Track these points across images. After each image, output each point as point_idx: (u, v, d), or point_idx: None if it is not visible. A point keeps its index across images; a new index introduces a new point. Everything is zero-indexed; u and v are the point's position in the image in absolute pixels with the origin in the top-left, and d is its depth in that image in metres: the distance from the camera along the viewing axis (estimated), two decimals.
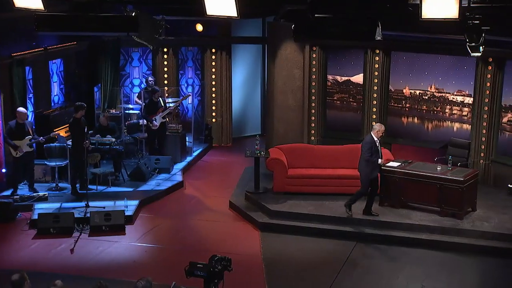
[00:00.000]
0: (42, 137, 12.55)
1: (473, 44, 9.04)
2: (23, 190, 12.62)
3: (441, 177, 11.32)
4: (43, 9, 8.77)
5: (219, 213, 12.39)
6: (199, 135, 16.61)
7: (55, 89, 15.04)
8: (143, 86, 16.46)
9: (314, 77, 14.74)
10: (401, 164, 11.86)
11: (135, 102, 16.14)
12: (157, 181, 13.68)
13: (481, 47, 9.14)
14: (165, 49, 16.52)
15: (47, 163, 13.03)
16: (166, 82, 16.59)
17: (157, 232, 11.49)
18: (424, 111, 14.18)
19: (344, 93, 14.93)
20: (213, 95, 16.97)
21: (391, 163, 11.83)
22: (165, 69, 16.66)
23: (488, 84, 12.91)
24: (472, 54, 9.39)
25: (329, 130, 15.05)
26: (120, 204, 12.11)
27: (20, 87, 13.02)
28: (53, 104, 14.72)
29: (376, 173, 11.29)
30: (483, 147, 13.14)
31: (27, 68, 13.47)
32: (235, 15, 7.61)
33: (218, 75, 16.88)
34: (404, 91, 14.36)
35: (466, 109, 13.60)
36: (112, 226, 11.27)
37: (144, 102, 14.94)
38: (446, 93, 13.85)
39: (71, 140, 12.77)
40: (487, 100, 12.97)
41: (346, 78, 14.84)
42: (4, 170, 12.59)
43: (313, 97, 14.82)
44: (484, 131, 13.08)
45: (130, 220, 11.64)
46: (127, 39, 13.30)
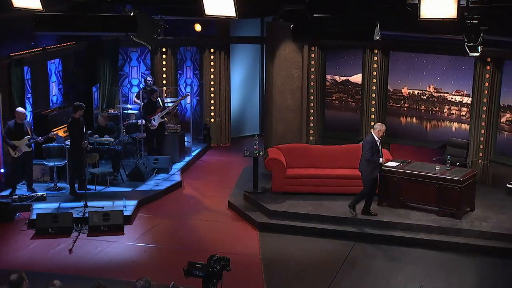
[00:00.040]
0: (40, 137, 12.53)
1: (472, 44, 9.05)
2: (21, 190, 12.61)
3: (440, 177, 11.33)
4: (42, 9, 8.77)
5: (217, 213, 12.39)
6: (197, 135, 16.60)
7: (54, 89, 15.04)
8: (141, 86, 16.46)
9: (312, 77, 14.74)
10: (399, 164, 11.86)
11: (133, 102, 16.13)
12: (156, 181, 13.67)
13: (479, 47, 9.14)
14: (164, 49, 16.52)
15: (46, 163, 13.03)
16: (164, 82, 16.58)
17: (155, 232, 11.48)
18: (423, 111, 14.19)
19: (343, 93, 14.93)
20: (212, 95, 16.96)
21: (390, 163, 11.83)
22: (164, 69, 16.65)
23: (487, 84, 12.91)
24: (471, 54, 9.39)
25: (328, 130, 15.05)
26: (118, 204, 12.11)
27: (18, 87, 13.01)
28: (51, 104, 14.71)
29: (377, 172, 11.30)
30: (481, 147, 13.15)
31: (25, 68, 13.47)
32: (234, 15, 7.61)
33: (217, 75, 16.87)
34: (403, 91, 14.37)
35: (465, 109, 13.60)
36: (111, 226, 11.27)
37: (143, 102, 14.94)
38: (445, 93, 13.85)
39: (69, 140, 12.77)
40: (485, 100, 12.98)
41: (345, 78, 14.85)
42: (2, 170, 12.56)
43: (312, 97, 14.82)
44: (483, 131, 13.09)
45: (128, 220, 11.64)
46: (126, 39, 13.29)
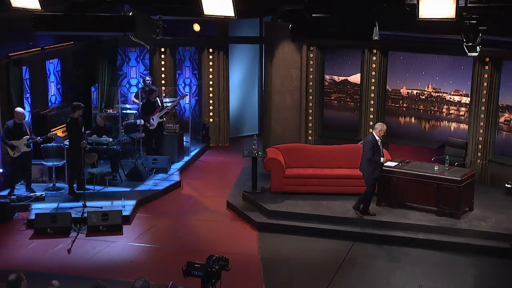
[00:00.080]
0: (39, 137, 12.53)
1: (470, 44, 9.05)
2: (20, 190, 12.60)
3: (439, 176, 11.33)
4: (40, 9, 8.76)
5: (216, 213, 12.38)
6: (196, 135, 16.60)
7: (52, 89, 15.03)
8: (140, 86, 16.46)
9: (311, 77, 14.74)
10: (398, 164, 11.86)
11: (132, 102, 16.13)
12: (155, 181, 13.67)
13: (478, 47, 9.15)
14: (163, 49, 16.51)
15: (44, 163, 13.02)
16: (163, 82, 16.57)
17: (154, 232, 11.48)
18: (421, 111, 14.19)
19: (342, 93, 14.93)
20: (211, 95, 16.96)
21: (389, 163, 11.83)
22: (163, 69, 16.65)
23: (485, 84, 12.92)
24: (469, 54, 9.40)
25: (327, 130, 15.05)
26: (117, 204, 12.10)
27: (17, 87, 13.00)
28: (50, 104, 14.71)
29: (378, 172, 11.29)
30: (480, 146, 13.16)
31: (24, 68, 13.46)
32: (232, 15, 7.61)
33: (216, 75, 16.87)
34: (401, 91, 14.37)
35: (463, 109, 13.61)
36: (110, 226, 11.26)
37: (142, 102, 14.93)
38: (443, 93, 13.86)
39: (68, 140, 12.77)
40: (484, 100, 12.98)
41: (344, 78, 14.85)
42: (1, 170, 12.55)
43: (311, 97, 14.83)
44: (481, 131, 13.09)
45: (127, 220, 11.63)
46: (125, 39, 13.27)
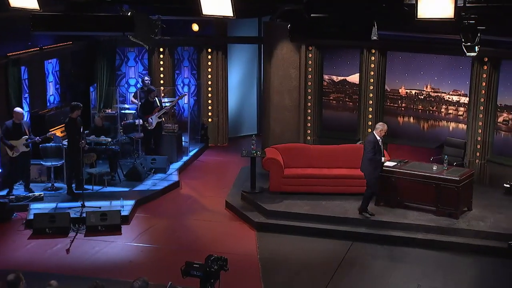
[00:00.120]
0: (38, 137, 12.52)
1: (469, 44, 9.06)
2: (18, 190, 12.60)
3: (437, 176, 11.33)
4: (39, 9, 8.76)
5: (215, 213, 12.38)
6: (195, 135, 16.60)
7: (51, 89, 15.02)
8: (139, 86, 16.44)
9: (310, 77, 14.74)
10: (397, 164, 11.87)
11: (131, 102, 16.12)
12: (153, 181, 13.67)
13: (476, 47, 9.16)
14: (161, 49, 16.51)
15: (43, 163, 13.01)
16: (162, 82, 16.57)
17: (153, 232, 11.47)
18: (420, 110, 14.20)
19: (340, 93, 14.94)
20: (209, 95, 16.95)
21: (388, 163, 11.83)
22: (161, 69, 16.64)
23: (484, 84, 12.92)
24: (468, 54, 9.41)
25: (325, 130, 15.05)
26: (116, 204, 12.10)
27: (15, 87, 12.99)
28: (48, 104, 14.70)
29: (379, 171, 11.30)
30: (478, 146, 13.16)
31: (22, 68, 13.45)
32: (231, 14, 7.61)
33: (214, 75, 16.86)
34: (400, 90, 14.38)
35: (462, 108, 13.62)
36: (108, 226, 11.25)
37: (140, 102, 14.92)
38: (442, 92, 13.86)
39: (67, 140, 12.75)
40: (482, 100, 12.99)
41: (342, 78, 14.85)
42: (0, 170, 12.56)
43: (309, 97, 14.83)
44: (480, 131, 13.09)
45: (126, 220, 11.63)
46: (123, 39, 13.28)
